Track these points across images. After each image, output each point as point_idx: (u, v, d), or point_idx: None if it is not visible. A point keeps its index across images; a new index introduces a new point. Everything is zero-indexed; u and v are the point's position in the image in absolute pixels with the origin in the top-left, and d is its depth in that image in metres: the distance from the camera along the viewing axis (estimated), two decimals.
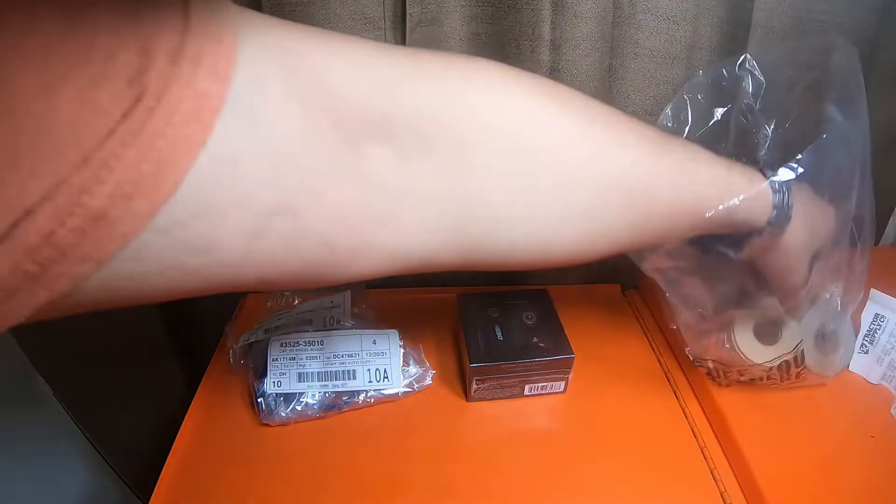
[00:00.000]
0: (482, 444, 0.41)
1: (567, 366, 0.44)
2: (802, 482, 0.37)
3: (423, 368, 0.46)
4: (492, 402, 0.44)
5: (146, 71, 0.17)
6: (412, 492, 0.38)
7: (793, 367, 0.41)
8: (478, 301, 0.48)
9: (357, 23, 0.45)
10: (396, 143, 0.24)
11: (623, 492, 0.38)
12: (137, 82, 0.17)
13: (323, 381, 0.43)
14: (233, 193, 0.19)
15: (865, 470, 0.38)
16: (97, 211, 0.16)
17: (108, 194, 0.16)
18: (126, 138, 0.16)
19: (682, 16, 0.47)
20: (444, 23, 0.48)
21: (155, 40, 0.17)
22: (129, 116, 0.16)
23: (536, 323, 0.46)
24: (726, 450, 0.41)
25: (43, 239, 0.16)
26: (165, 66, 0.17)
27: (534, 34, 0.46)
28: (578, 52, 0.46)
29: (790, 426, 0.41)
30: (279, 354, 0.43)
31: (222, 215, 0.19)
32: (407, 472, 0.39)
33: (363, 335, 0.45)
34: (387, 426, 0.42)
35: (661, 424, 0.43)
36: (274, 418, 0.41)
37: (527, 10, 0.45)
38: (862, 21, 0.49)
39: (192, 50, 0.18)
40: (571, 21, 0.45)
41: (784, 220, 0.34)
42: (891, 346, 0.44)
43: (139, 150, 0.17)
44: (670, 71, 0.49)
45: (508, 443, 0.41)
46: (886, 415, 0.42)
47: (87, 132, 0.16)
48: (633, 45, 0.48)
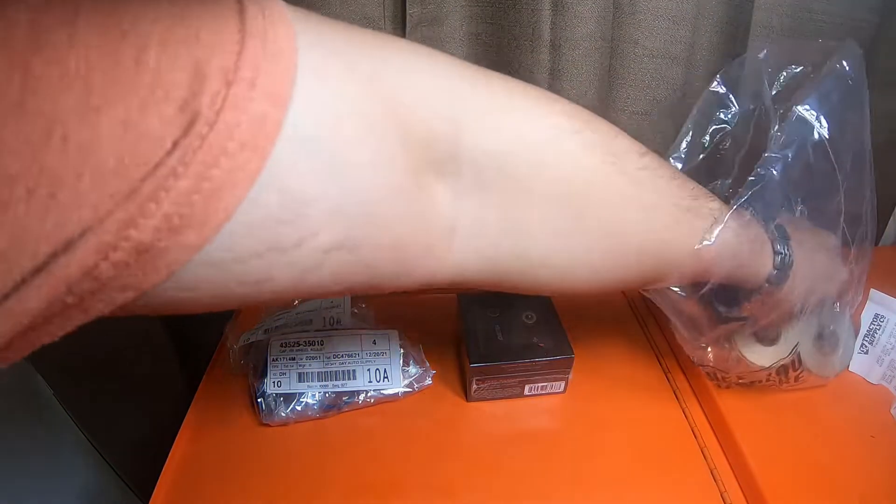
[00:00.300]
0: (482, 444, 0.41)
1: (567, 366, 0.44)
2: (802, 482, 0.37)
3: (423, 368, 0.46)
4: (492, 402, 0.44)
5: (199, 95, 0.16)
6: (412, 492, 0.38)
7: (791, 371, 0.41)
8: (478, 301, 0.48)
9: (357, 23, 0.45)
10: (457, 177, 0.24)
11: (623, 492, 0.38)
12: (189, 107, 0.16)
13: (323, 381, 0.43)
14: (295, 229, 0.18)
15: (865, 470, 0.38)
16: (142, 244, 0.16)
17: (155, 227, 0.15)
18: (177, 168, 0.15)
19: (682, 16, 0.47)
20: (444, 23, 0.48)
21: (209, 58, 0.16)
22: (179, 145, 0.15)
23: (536, 323, 0.46)
24: (726, 450, 0.41)
25: (85, 273, 0.15)
26: (219, 87, 0.16)
27: (534, 34, 0.46)
28: (578, 52, 0.46)
29: (790, 426, 0.41)
30: (279, 354, 0.43)
31: (282, 252, 0.18)
32: (407, 472, 0.39)
33: (363, 335, 0.45)
34: (387, 426, 0.42)
35: (661, 424, 0.43)
36: (274, 418, 0.41)
37: (527, 10, 0.45)
38: (862, 21, 0.49)
39: (248, 70, 0.16)
40: (571, 21, 0.45)
41: (783, 278, 0.34)
42: (891, 347, 0.44)
43: (190, 181, 0.16)
44: (670, 71, 0.49)
45: (508, 443, 0.41)
46: (886, 415, 0.42)
47: (134, 161, 0.15)
48: (633, 45, 0.48)
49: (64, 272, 0.15)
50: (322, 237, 0.19)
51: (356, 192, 0.20)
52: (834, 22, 0.48)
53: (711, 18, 0.49)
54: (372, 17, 0.45)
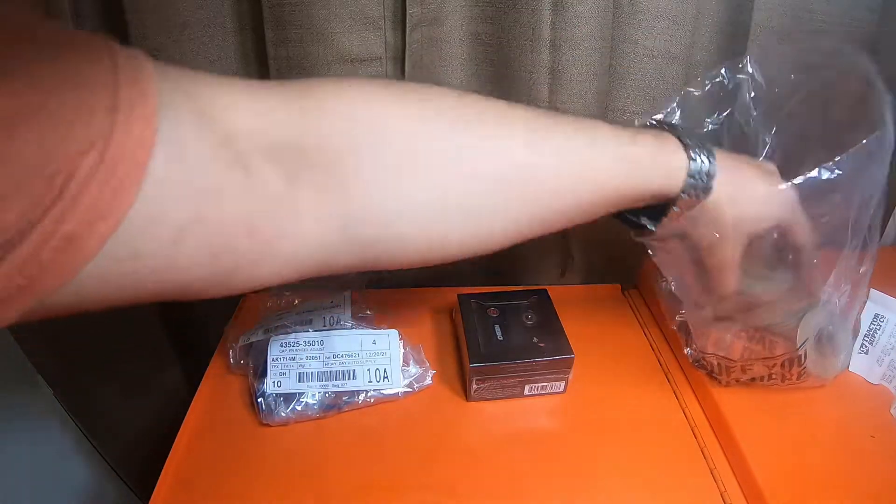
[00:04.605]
0: (482, 444, 0.41)
1: (567, 366, 0.44)
2: (802, 482, 0.37)
3: (423, 368, 0.46)
4: (492, 402, 0.44)
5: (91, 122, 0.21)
6: (412, 491, 0.38)
7: (794, 367, 0.41)
8: (478, 301, 0.48)
9: (357, 23, 0.45)
10: (283, 164, 0.28)
11: (623, 491, 0.38)
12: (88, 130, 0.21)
13: (323, 381, 0.43)
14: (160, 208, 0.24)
15: (865, 470, 0.38)
16: (70, 233, 0.21)
17: (78, 220, 0.21)
18: (88, 176, 0.21)
19: (682, 16, 0.47)
20: (444, 23, 0.48)
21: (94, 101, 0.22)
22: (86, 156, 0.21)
23: (536, 323, 0.46)
24: (726, 450, 0.41)
25: (31, 257, 0.20)
26: (105, 116, 0.22)
27: (534, 34, 0.46)
28: (578, 52, 0.46)
29: (790, 426, 0.41)
30: (279, 354, 0.43)
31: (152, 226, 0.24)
32: (407, 472, 0.39)
33: (363, 335, 0.45)
34: (387, 426, 0.42)
35: (661, 424, 0.43)
36: (274, 418, 0.41)
37: (527, 10, 0.45)
38: (862, 21, 0.49)
39: (125, 104, 0.22)
40: (571, 21, 0.45)
41: (702, 189, 0.34)
42: (891, 347, 0.44)
43: (99, 184, 0.21)
44: (670, 71, 0.49)
45: (508, 443, 0.41)
46: (886, 415, 0.42)
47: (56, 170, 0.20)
48: (633, 45, 0.48)
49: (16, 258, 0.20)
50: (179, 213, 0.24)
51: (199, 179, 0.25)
52: (834, 22, 0.48)
53: (711, 18, 0.49)
54: (372, 17, 0.45)
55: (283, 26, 0.45)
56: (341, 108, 0.30)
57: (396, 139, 0.30)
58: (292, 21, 0.45)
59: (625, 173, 0.34)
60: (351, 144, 0.29)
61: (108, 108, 0.22)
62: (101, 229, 0.22)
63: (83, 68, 0.22)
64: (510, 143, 0.32)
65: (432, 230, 0.31)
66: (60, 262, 0.21)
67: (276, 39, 0.46)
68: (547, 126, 0.33)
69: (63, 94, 0.21)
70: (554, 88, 0.48)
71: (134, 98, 0.23)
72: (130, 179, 0.22)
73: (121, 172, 0.22)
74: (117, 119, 0.22)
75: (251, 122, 0.27)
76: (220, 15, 0.47)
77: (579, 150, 0.33)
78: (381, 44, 0.47)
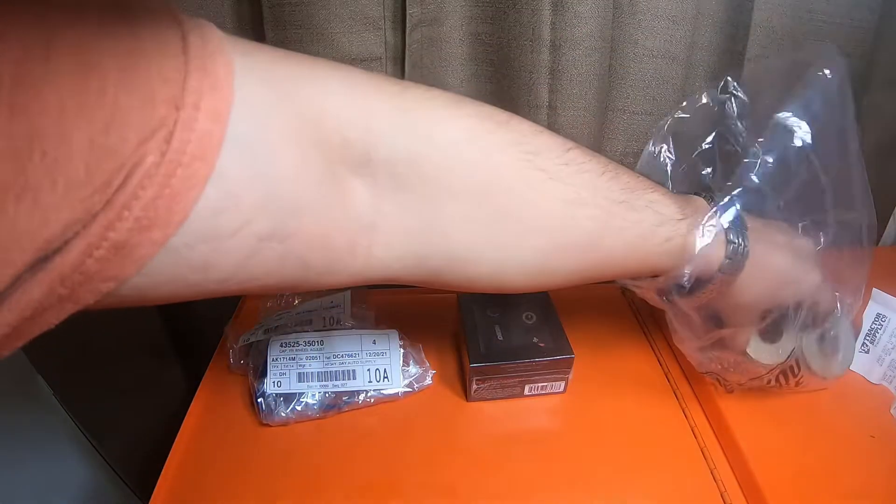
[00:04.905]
0: (482, 444, 0.41)
1: (567, 366, 0.44)
2: (802, 482, 0.37)
3: (423, 368, 0.46)
4: (492, 402, 0.44)
5: (152, 119, 0.19)
6: (412, 492, 0.38)
7: (791, 377, 0.41)
8: (478, 301, 0.48)
9: (357, 23, 0.45)
10: (373, 180, 0.26)
11: (623, 491, 0.38)
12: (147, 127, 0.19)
13: (323, 381, 0.43)
14: (232, 221, 0.22)
15: (865, 470, 0.38)
16: (119, 242, 0.19)
17: (129, 228, 0.19)
18: (143, 181, 0.19)
19: (682, 16, 0.47)
20: (444, 23, 0.48)
21: (158, 91, 0.19)
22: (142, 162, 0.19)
23: (536, 323, 0.46)
24: (726, 450, 0.41)
25: (74, 268, 0.19)
26: (168, 113, 0.20)
27: (534, 34, 0.46)
28: (578, 52, 0.46)
29: (790, 426, 0.41)
30: (279, 354, 0.43)
31: (222, 240, 0.22)
32: (407, 472, 0.39)
33: (363, 335, 0.45)
34: (387, 426, 0.42)
35: (662, 424, 0.43)
36: (274, 418, 0.41)
37: (527, 10, 0.45)
38: (862, 21, 0.49)
39: (192, 97, 0.20)
40: (571, 21, 0.45)
41: (736, 268, 0.35)
42: (892, 346, 0.43)
43: (154, 190, 0.19)
44: (670, 71, 0.49)
45: (508, 443, 0.41)
46: (886, 415, 0.42)
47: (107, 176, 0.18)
48: (633, 45, 0.48)
49: (59, 268, 0.19)
50: (254, 226, 0.23)
51: (279, 188, 0.23)
52: (834, 22, 0.48)
53: (711, 18, 0.49)
54: (372, 17, 0.45)
55: (283, 26, 0.45)
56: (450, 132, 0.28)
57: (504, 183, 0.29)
58: (292, 21, 0.45)
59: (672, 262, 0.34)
60: (452, 185, 0.28)
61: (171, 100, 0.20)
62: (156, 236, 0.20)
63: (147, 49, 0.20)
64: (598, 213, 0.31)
65: (505, 278, 0.32)
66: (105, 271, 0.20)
67: (276, 40, 0.46)
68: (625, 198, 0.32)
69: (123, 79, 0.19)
70: (554, 88, 0.48)
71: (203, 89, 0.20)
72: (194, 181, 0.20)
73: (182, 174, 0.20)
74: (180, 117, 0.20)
75: (348, 130, 0.25)
76: (220, 15, 0.47)
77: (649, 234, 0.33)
78: (381, 44, 0.47)
